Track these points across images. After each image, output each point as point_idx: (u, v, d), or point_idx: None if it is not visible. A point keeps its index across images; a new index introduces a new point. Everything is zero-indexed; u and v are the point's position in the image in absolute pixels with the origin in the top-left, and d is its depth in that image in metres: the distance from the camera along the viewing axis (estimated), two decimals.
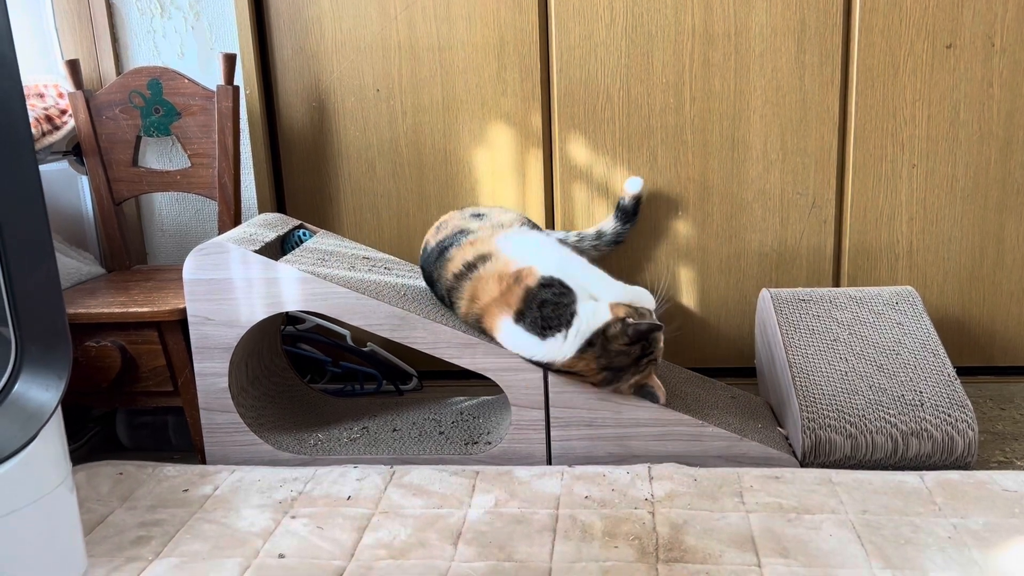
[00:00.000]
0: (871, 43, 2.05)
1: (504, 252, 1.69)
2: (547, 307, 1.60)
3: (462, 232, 1.78)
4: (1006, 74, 2.04)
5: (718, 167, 2.14)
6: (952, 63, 2.05)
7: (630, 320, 1.59)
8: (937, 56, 2.05)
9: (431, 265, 1.80)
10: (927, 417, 1.68)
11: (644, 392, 1.68)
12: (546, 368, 1.66)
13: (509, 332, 1.63)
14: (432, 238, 1.84)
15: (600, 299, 1.63)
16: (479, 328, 1.69)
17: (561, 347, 1.61)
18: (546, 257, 1.67)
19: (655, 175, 2.16)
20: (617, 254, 2.21)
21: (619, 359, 1.61)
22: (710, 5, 2.06)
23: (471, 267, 1.69)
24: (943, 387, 1.74)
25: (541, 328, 1.60)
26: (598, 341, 1.59)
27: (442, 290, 1.76)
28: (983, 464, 1.75)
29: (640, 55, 2.10)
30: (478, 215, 1.87)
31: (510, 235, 1.75)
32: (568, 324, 1.59)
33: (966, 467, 1.68)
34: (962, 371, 1.87)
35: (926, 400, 1.71)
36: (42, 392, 1.13)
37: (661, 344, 1.67)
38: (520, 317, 1.61)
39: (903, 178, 2.12)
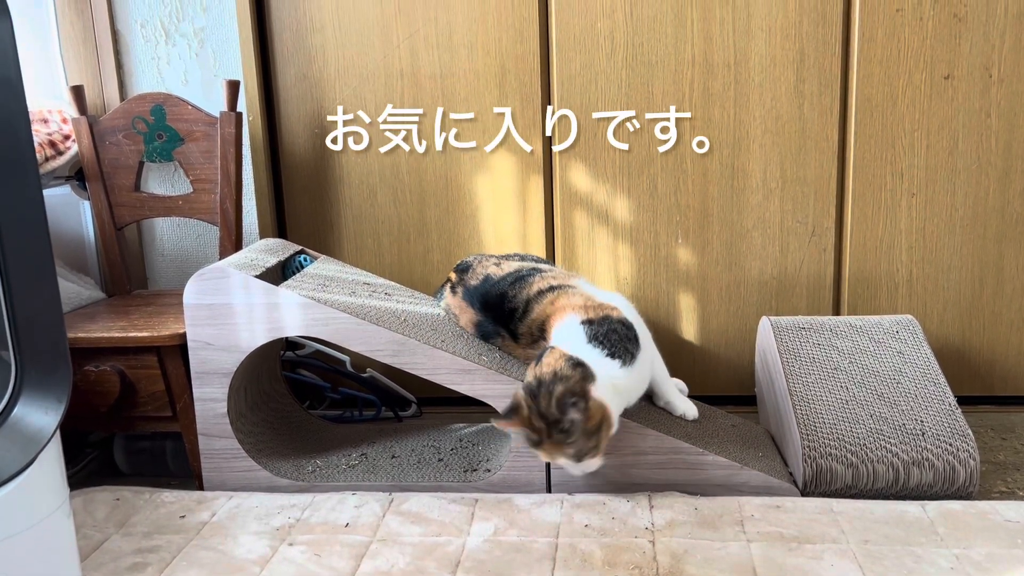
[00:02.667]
0: (870, 73, 2.07)
1: (586, 288, 1.79)
2: (615, 334, 1.64)
3: (536, 270, 1.83)
4: (1004, 105, 2.06)
5: (718, 195, 2.15)
6: (950, 94, 2.06)
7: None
8: (935, 87, 2.06)
9: (503, 286, 1.79)
10: (928, 446, 1.68)
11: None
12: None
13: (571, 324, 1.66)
14: (495, 271, 1.84)
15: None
16: (540, 328, 1.70)
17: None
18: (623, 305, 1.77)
19: (655, 203, 2.17)
20: (619, 283, 2.21)
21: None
22: (710, 35, 2.08)
23: (554, 288, 1.75)
24: (944, 416, 1.73)
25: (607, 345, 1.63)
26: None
27: (517, 302, 1.75)
28: (985, 494, 1.74)
29: (640, 84, 2.12)
30: (539, 263, 1.95)
31: (584, 281, 1.86)
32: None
33: (968, 497, 1.67)
34: (963, 400, 1.86)
35: (927, 429, 1.71)
36: (41, 415, 1.13)
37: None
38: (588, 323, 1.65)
39: (902, 207, 2.12)
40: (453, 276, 1.91)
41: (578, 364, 1.54)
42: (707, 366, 2.24)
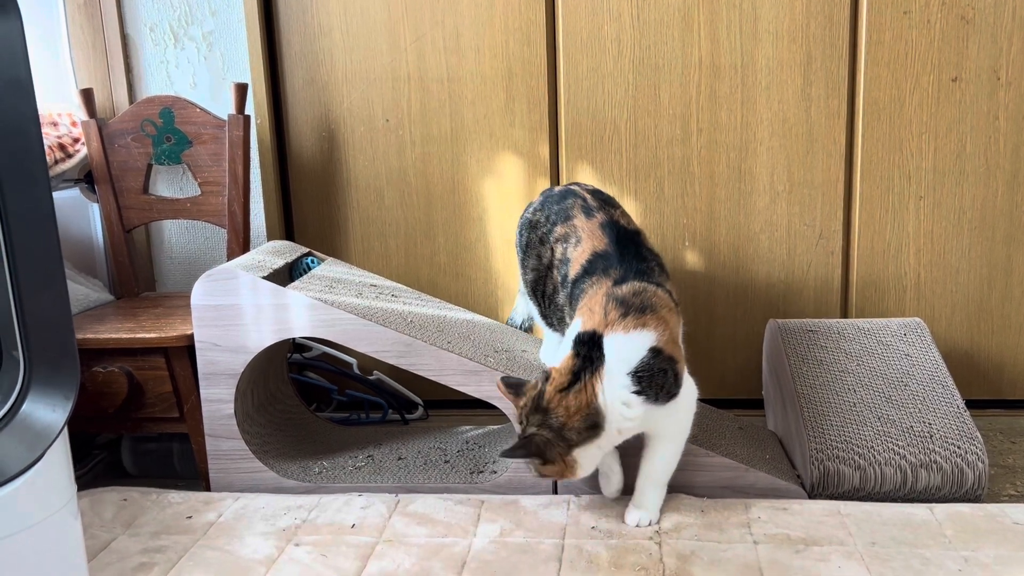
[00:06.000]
0: (877, 76, 2.07)
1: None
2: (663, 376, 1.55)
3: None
4: (1012, 107, 2.05)
5: (725, 198, 2.15)
6: (958, 96, 2.06)
7: None
8: (943, 89, 2.06)
9: (640, 238, 1.70)
10: (936, 449, 1.67)
11: None
12: None
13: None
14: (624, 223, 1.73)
15: None
16: (654, 284, 1.60)
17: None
18: None
19: (662, 206, 2.17)
20: None
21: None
22: (716, 38, 2.09)
23: (663, 287, 1.65)
24: (952, 419, 1.73)
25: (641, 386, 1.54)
26: None
27: (647, 252, 1.67)
28: (993, 498, 1.73)
29: (647, 87, 2.12)
30: None
31: None
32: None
33: (976, 500, 1.66)
34: (971, 404, 1.85)
35: (935, 432, 1.70)
36: (49, 412, 1.13)
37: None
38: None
39: (910, 210, 2.12)
40: (588, 198, 1.75)
41: (594, 425, 1.48)
42: (714, 369, 2.24)
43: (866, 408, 1.77)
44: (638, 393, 1.49)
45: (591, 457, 1.52)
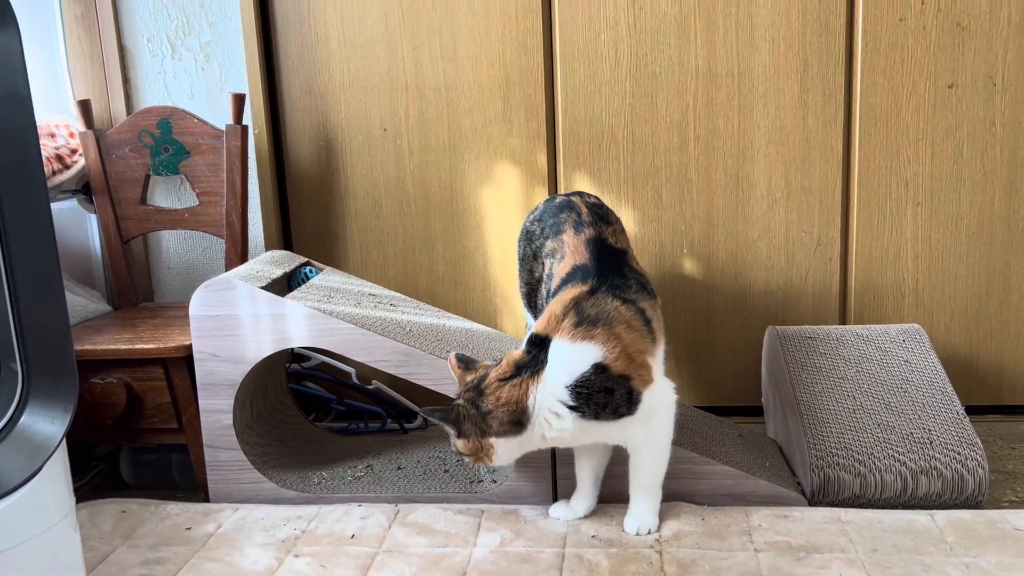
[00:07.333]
0: (873, 82, 2.07)
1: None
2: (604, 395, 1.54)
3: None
4: (1008, 113, 2.06)
5: (723, 205, 2.16)
6: (954, 102, 2.07)
7: None
8: (939, 95, 2.07)
9: (624, 256, 1.70)
10: (936, 455, 1.67)
11: None
12: None
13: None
14: (612, 241, 1.73)
15: None
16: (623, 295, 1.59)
17: None
18: None
19: (660, 213, 2.17)
20: None
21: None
22: (713, 46, 2.09)
23: (638, 305, 1.64)
24: (952, 425, 1.73)
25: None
26: None
27: (628, 270, 1.66)
28: (994, 503, 1.73)
29: (644, 95, 2.13)
30: None
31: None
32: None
33: (977, 506, 1.66)
34: (970, 410, 1.85)
35: (935, 438, 1.70)
36: (48, 424, 1.13)
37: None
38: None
39: (908, 216, 2.12)
40: (584, 212, 1.73)
41: (517, 422, 1.49)
42: (713, 376, 2.23)
43: (866, 415, 1.77)
44: (573, 408, 1.48)
45: (509, 450, 1.53)
